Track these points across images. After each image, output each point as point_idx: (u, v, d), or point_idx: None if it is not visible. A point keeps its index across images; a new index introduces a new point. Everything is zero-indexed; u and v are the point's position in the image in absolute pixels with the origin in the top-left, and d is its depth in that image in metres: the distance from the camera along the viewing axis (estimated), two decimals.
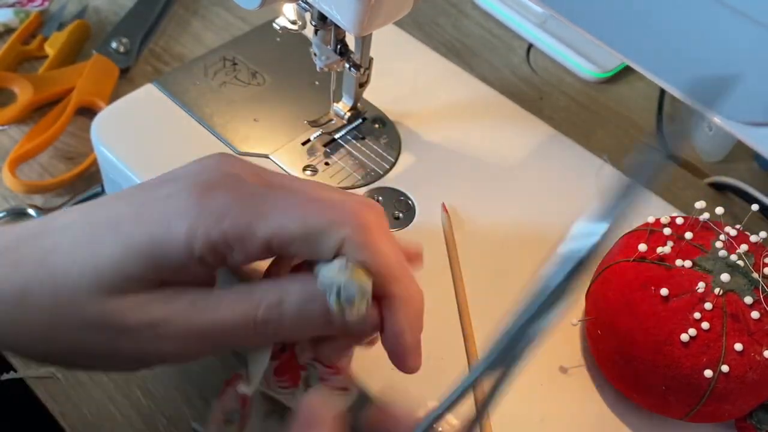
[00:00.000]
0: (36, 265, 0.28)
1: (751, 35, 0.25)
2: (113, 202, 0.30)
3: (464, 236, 0.43)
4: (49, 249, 0.29)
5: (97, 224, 0.29)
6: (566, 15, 0.31)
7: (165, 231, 0.27)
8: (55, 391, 0.44)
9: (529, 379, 0.38)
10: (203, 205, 0.28)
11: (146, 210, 0.28)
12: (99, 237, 0.28)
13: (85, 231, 0.29)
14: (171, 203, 0.28)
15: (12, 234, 0.30)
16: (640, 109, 0.66)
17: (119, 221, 0.28)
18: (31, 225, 0.30)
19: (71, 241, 0.29)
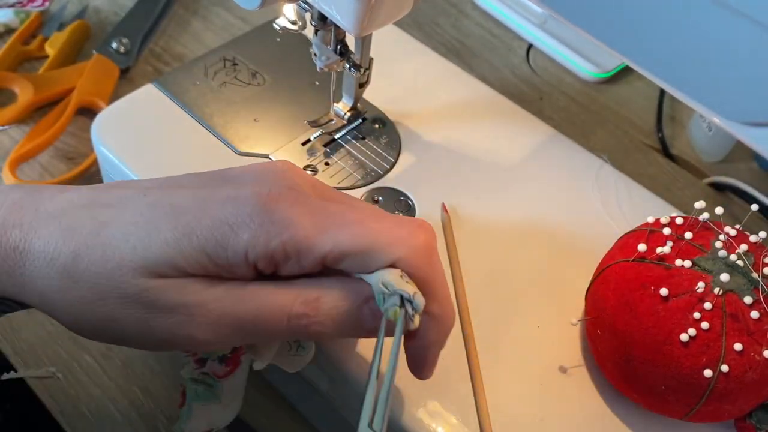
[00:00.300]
0: (90, 235, 0.29)
1: (751, 35, 0.25)
2: (175, 190, 0.30)
3: (464, 236, 0.43)
4: (104, 221, 0.29)
5: (157, 207, 0.29)
6: (566, 15, 0.31)
7: (227, 233, 0.28)
8: (55, 390, 0.44)
9: (529, 379, 0.38)
10: (267, 215, 0.28)
11: (209, 207, 0.29)
12: (157, 221, 0.29)
13: (143, 212, 0.29)
14: (236, 207, 0.29)
15: (63, 200, 0.30)
16: (639, 109, 0.66)
17: (180, 211, 0.29)
18: (83, 193, 0.31)
19: (128, 219, 0.29)
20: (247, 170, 0.32)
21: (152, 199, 0.30)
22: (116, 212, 0.29)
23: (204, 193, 0.30)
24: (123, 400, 0.44)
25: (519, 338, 0.40)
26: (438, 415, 0.36)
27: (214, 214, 0.29)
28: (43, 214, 0.30)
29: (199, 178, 0.32)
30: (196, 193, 0.30)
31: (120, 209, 0.30)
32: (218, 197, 0.29)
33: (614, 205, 0.47)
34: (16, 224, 0.29)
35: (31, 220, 0.29)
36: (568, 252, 0.44)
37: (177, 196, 0.30)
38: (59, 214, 0.29)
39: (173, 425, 0.38)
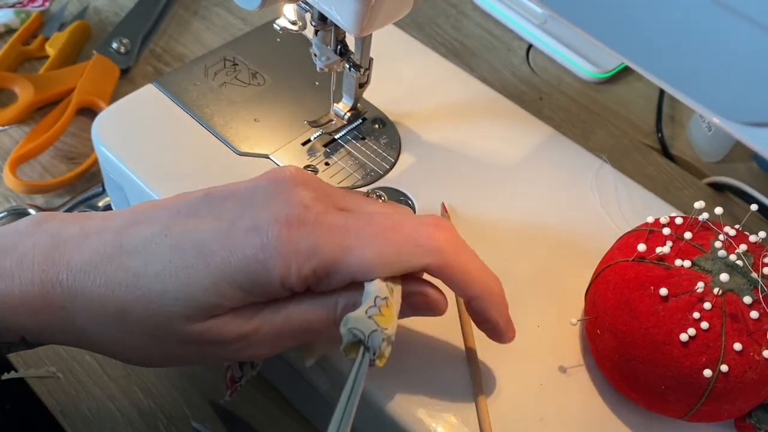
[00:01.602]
0: (129, 289, 0.30)
1: (751, 35, 0.25)
2: (195, 224, 0.30)
3: (464, 236, 0.43)
4: (137, 273, 0.30)
5: (183, 250, 0.30)
6: (566, 15, 0.31)
7: (258, 270, 0.29)
8: (55, 390, 0.44)
9: (529, 379, 0.38)
10: (292, 244, 0.29)
11: (234, 243, 0.29)
12: (188, 265, 0.29)
13: (171, 258, 0.30)
14: (260, 240, 0.29)
15: (89, 250, 0.30)
16: (639, 110, 0.66)
17: (207, 253, 0.29)
18: (107, 240, 0.31)
19: (158, 268, 0.30)
20: (257, 186, 0.32)
21: (175, 240, 0.30)
22: (144, 261, 0.30)
23: (224, 227, 0.30)
24: (123, 399, 0.44)
25: (519, 338, 0.40)
26: (438, 415, 0.36)
27: (242, 252, 0.29)
28: (76, 268, 0.30)
29: (212, 203, 0.31)
30: (216, 228, 0.30)
31: (146, 257, 0.30)
32: (239, 230, 0.30)
33: (614, 205, 0.47)
34: (55, 284, 0.30)
35: (67, 276, 0.30)
36: (568, 252, 0.44)
37: (198, 232, 0.30)
38: (91, 269, 0.30)
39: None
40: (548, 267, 0.43)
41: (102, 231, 0.31)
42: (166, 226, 0.31)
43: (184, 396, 0.44)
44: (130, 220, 0.32)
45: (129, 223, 0.31)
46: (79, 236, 0.31)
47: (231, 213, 0.31)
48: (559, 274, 0.43)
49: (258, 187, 0.31)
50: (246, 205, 0.31)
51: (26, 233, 0.31)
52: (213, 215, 0.31)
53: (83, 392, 0.44)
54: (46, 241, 0.31)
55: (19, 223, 0.32)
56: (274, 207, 0.30)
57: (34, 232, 0.31)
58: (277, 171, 0.32)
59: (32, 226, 0.32)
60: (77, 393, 0.44)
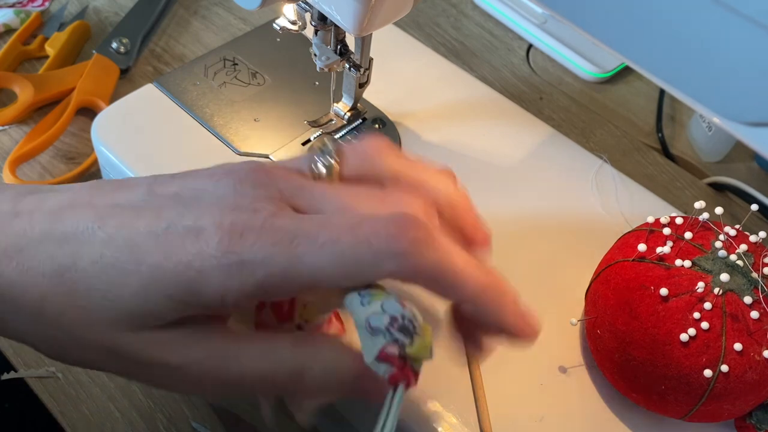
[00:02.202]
0: (51, 280, 0.27)
1: (751, 35, 0.25)
2: (131, 218, 0.27)
3: None
4: (63, 263, 0.27)
5: (116, 246, 0.27)
6: (566, 15, 0.31)
7: (195, 279, 0.26)
8: (55, 390, 0.44)
9: (529, 379, 0.38)
10: (234, 255, 0.26)
11: (170, 246, 0.26)
12: (118, 264, 0.26)
13: (102, 253, 0.27)
14: (197, 247, 0.26)
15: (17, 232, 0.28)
16: (639, 110, 0.66)
17: (140, 253, 0.26)
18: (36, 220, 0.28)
19: (87, 263, 0.27)
20: (205, 183, 0.28)
21: (108, 234, 0.27)
22: (72, 252, 0.27)
23: (161, 227, 0.27)
24: (123, 399, 0.44)
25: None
26: (438, 415, 0.36)
27: (177, 257, 0.26)
28: (3, 245, 0.27)
29: (154, 196, 0.28)
30: (152, 226, 0.27)
31: (75, 248, 0.27)
32: (177, 232, 0.26)
33: (614, 205, 0.47)
34: None
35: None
36: (568, 252, 0.44)
37: (133, 228, 0.27)
38: (14, 253, 0.27)
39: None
40: (548, 267, 0.43)
41: (34, 212, 0.28)
42: (101, 217, 0.27)
43: (184, 396, 0.44)
44: (66, 202, 0.28)
45: (65, 206, 0.28)
46: (8, 215, 0.28)
47: (171, 211, 0.27)
48: (559, 274, 0.43)
49: (206, 184, 0.28)
50: (189, 203, 0.27)
51: None
52: (152, 211, 0.27)
53: (83, 392, 0.44)
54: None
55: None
56: (219, 209, 0.27)
57: None
58: (230, 167, 0.29)
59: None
60: (77, 393, 0.44)
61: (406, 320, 0.26)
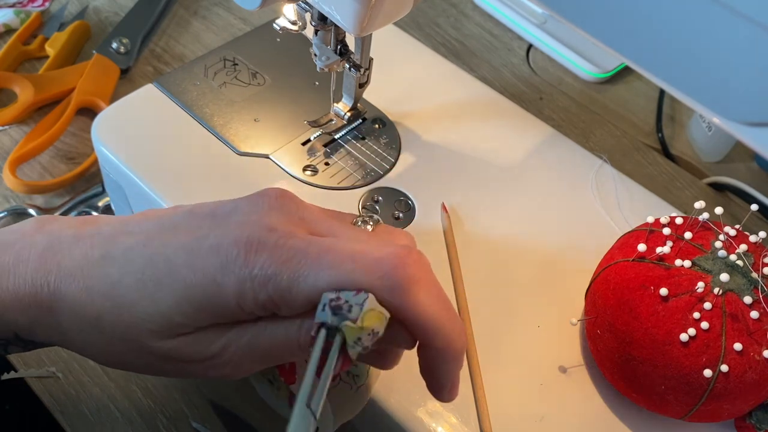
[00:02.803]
0: (105, 297, 0.30)
1: (751, 35, 0.25)
2: (171, 238, 0.31)
3: (464, 236, 0.43)
4: (114, 281, 0.30)
5: (156, 262, 0.30)
6: (566, 15, 0.31)
7: (216, 291, 0.29)
8: (55, 390, 0.44)
9: (529, 378, 0.38)
10: (249, 266, 0.29)
11: (197, 260, 0.30)
12: (157, 280, 0.30)
13: (144, 270, 0.30)
14: (218, 260, 0.29)
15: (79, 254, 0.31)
16: (639, 110, 0.66)
17: (175, 268, 0.30)
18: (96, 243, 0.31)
19: (132, 279, 0.30)
20: (236, 206, 0.32)
21: (150, 252, 0.30)
22: (121, 271, 0.30)
23: (191, 244, 0.30)
24: (123, 399, 0.44)
25: (519, 338, 0.40)
26: (438, 415, 0.36)
27: (202, 270, 0.29)
28: (64, 271, 0.31)
29: (192, 218, 0.32)
30: (184, 245, 0.30)
31: (124, 267, 0.30)
32: (203, 249, 0.30)
33: (614, 205, 0.47)
34: (44, 284, 0.31)
35: (55, 278, 0.31)
36: (568, 252, 0.44)
37: (170, 247, 0.30)
38: (77, 272, 0.31)
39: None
40: (548, 267, 0.43)
41: (94, 236, 0.32)
42: (148, 238, 0.31)
43: (184, 396, 0.44)
44: (120, 228, 0.32)
45: (118, 232, 0.32)
46: (72, 239, 0.32)
47: (202, 230, 0.31)
48: (559, 274, 0.43)
49: (237, 207, 0.32)
50: (221, 221, 0.31)
51: (27, 233, 0.32)
52: (188, 231, 0.31)
53: (83, 392, 0.44)
54: (43, 241, 0.32)
55: (24, 223, 0.33)
56: (241, 228, 0.30)
57: (35, 232, 0.32)
58: (260, 192, 0.32)
59: (35, 226, 0.33)
60: (77, 393, 0.44)
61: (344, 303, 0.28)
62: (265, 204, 0.31)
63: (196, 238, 0.30)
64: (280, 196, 0.32)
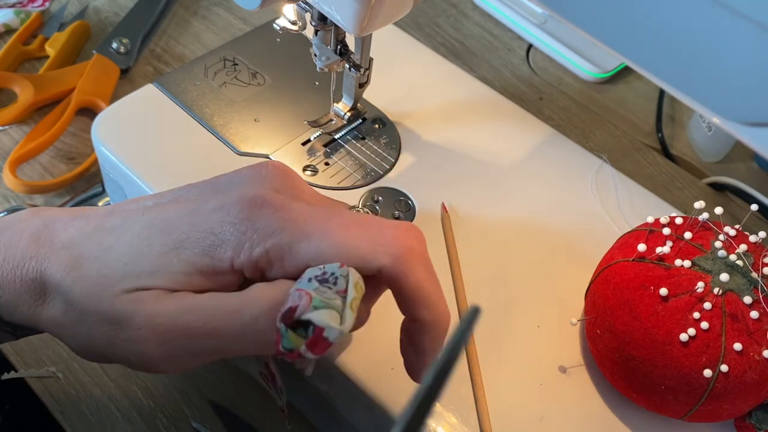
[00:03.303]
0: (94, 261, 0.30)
1: (750, 35, 0.25)
2: (171, 205, 0.31)
3: (464, 236, 0.43)
4: (107, 246, 0.30)
5: (153, 224, 0.30)
6: (566, 15, 0.31)
7: (213, 243, 0.29)
8: (55, 390, 0.44)
9: (529, 378, 0.38)
10: (250, 222, 0.29)
11: (198, 219, 0.30)
12: (151, 238, 0.30)
13: (140, 231, 0.30)
14: (221, 216, 0.29)
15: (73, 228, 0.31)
16: (639, 110, 0.66)
17: (172, 226, 0.30)
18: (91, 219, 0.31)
19: (127, 240, 0.30)
20: (238, 174, 0.32)
21: (149, 217, 0.31)
22: (117, 236, 0.30)
23: (194, 206, 0.30)
24: (123, 399, 0.44)
25: (519, 338, 0.40)
26: (438, 415, 0.36)
27: (202, 226, 0.29)
28: (58, 245, 0.31)
29: (195, 188, 0.32)
30: (187, 207, 0.30)
31: (121, 232, 0.31)
32: (207, 208, 0.30)
33: (614, 205, 0.47)
34: (33, 256, 0.31)
35: (46, 251, 0.31)
36: (568, 252, 0.44)
37: (171, 211, 0.31)
38: (70, 244, 0.31)
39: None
40: (548, 267, 0.43)
41: (90, 215, 0.32)
42: (145, 208, 0.31)
43: (184, 396, 0.44)
44: (117, 207, 0.32)
45: (116, 208, 0.32)
46: (68, 218, 0.32)
47: (204, 196, 0.31)
48: (559, 274, 0.43)
49: (237, 174, 0.32)
50: (222, 190, 0.31)
51: (23, 218, 0.33)
52: (189, 199, 0.31)
53: (83, 392, 0.44)
54: (38, 222, 0.32)
55: (20, 212, 0.34)
56: (244, 189, 0.30)
57: (31, 216, 0.33)
58: (260, 163, 0.33)
59: (31, 211, 0.33)
60: (77, 393, 0.44)
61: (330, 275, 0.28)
62: (269, 173, 0.32)
63: (198, 202, 0.31)
64: (282, 166, 0.33)
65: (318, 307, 0.27)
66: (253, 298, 0.29)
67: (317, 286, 0.27)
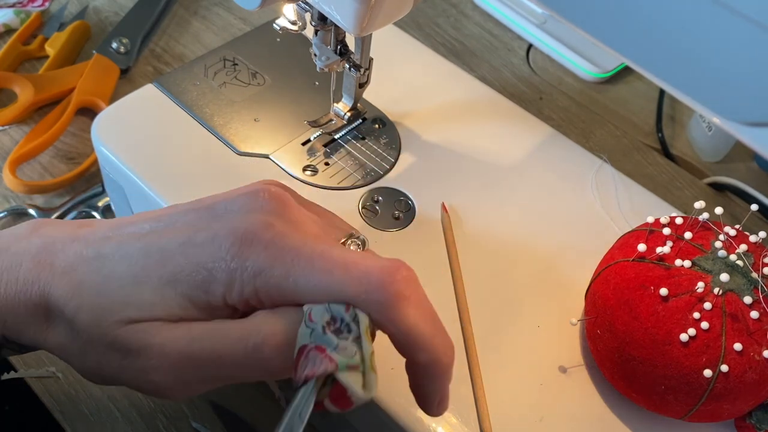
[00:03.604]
0: (93, 289, 0.30)
1: (751, 35, 0.25)
2: (167, 233, 0.31)
3: (464, 236, 0.43)
4: (106, 274, 0.30)
5: (150, 254, 0.30)
6: (566, 15, 0.31)
7: (206, 278, 0.29)
8: (55, 390, 0.44)
9: (529, 378, 0.38)
10: (240, 260, 0.29)
11: (191, 251, 0.30)
12: (148, 269, 0.30)
13: (138, 261, 0.30)
14: (213, 249, 0.29)
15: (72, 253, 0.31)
16: (639, 110, 0.66)
17: (167, 257, 0.30)
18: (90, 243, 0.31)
19: (124, 270, 0.30)
20: (235, 200, 0.32)
21: (145, 244, 0.31)
22: (116, 265, 0.30)
23: (189, 235, 0.30)
24: (123, 399, 0.44)
25: (519, 338, 0.40)
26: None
27: (195, 258, 0.29)
28: (58, 269, 0.31)
29: (192, 213, 0.32)
30: (182, 235, 0.30)
31: (119, 261, 0.30)
32: (199, 239, 0.30)
33: (614, 205, 0.47)
34: (35, 281, 0.31)
35: (47, 276, 0.31)
36: (568, 252, 0.44)
37: (167, 239, 0.30)
38: (70, 269, 0.31)
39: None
40: (548, 267, 0.43)
41: (89, 236, 0.32)
42: (143, 235, 0.31)
43: None
44: (116, 230, 0.32)
45: (114, 233, 0.32)
46: (67, 240, 0.32)
47: (200, 223, 0.31)
48: (559, 274, 0.43)
49: (234, 201, 0.32)
50: (216, 217, 0.31)
51: (22, 236, 0.33)
52: (185, 226, 0.31)
53: (83, 392, 0.44)
54: (38, 243, 0.32)
55: (18, 226, 0.33)
56: (238, 220, 0.30)
57: (30, 234, 0.33)
58: (260, 188, 0.32)
59: (29, 228, 0.33)
60: (77, 393, 0.44)
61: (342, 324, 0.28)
62: (265, 202, 0.31)
63: (193, 231, 0.30)
64: (279, 198, 0.32)
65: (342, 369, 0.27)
66: (256, 325, 0.29)
67: (336, 343, 0.27)
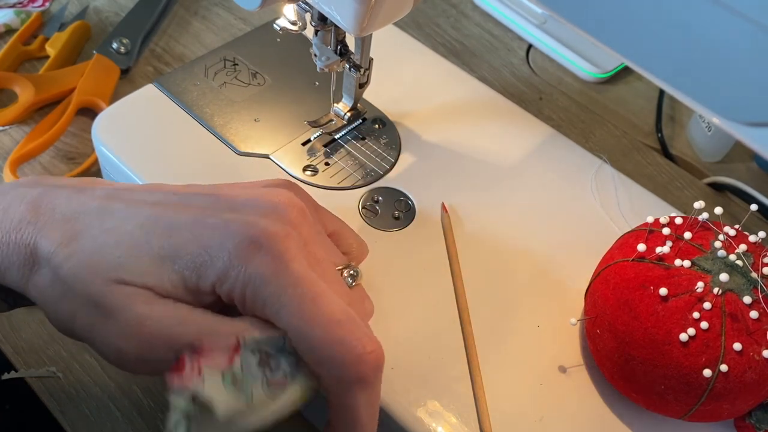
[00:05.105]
0: (89, 240, 0.30)
1: (751, 35, 0.25)
2: (181, 209, 0.31)
3: (464, 236, 0.43)
4: (107, 228, 0.30)
5: (157, 223, 0.30)
6: (566, 15, 0.31)
7: (205, 261, 0.29)
8: (55, 390, 0.44)
9: (529, 378, 0.38)
10: (243, 261, 0.29)
11: (200, 231, 0.30)
12: (151, 237, 0.30)
13: (143, 224, 0.30)
14: (222, 239, 0.29)
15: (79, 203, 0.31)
16: (639, 110, 0.66)
17: (175, 232, 0.30)
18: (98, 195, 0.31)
19: (128, 229, 0.30)
20: (257, 199, 0.31)
21: (156, 212, 0.30)
22: (121, 222, 0.30)
23: (201, 215, 0.30)
24: (123, 399, 0.44)
25: (519, 338, 0.40)
26: (438, 415, 0.36)
27: (201, 240, 0.29)
28: (58, 215, 0.30)
29: (209, 197, 0.32)
30: (194, 215, 0.30)
31: (124, 220, 0.30)
32: (212, 222, 0.30)
33: (614, 205, 0.47)
34: (30, 221, 0.30)
35: (45, 219, 0.30)
36: (568, 252, 0.44)
37: (179, 215, 0.30)
38: (71, 217, 0.30)
39: None
40: (548, 267, 0.43)
41: (95, 192, 0.32)
42: (154, 203, 0.31)
43: None
44: (126, 191, 0.32)
45: (124, 195, 0.32)
46: (71, 190, 0.32)
47: (215, 208, 0.31)
48: (559, 274, 0.43)
49: (256, 199, 0.31)
50: (234, 207, 0.31)
51: (24, 184, 0.32)
52: (202, 207, 0.31)
53: (83, 392, 0.44)
54: (40, 190, 0.32)
55: (21, 179, 0.33)
56: (254, 220, 0.30)
57: (33, 183, 0.32)
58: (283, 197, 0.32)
59: (33, 179, 0.33)
60: (77, 393, 0.44)
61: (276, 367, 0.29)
62: (286, 212, 0.31)
63: (207, 213, 0.30)
64: (300, 212, 0.32)
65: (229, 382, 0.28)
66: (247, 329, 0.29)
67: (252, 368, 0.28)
